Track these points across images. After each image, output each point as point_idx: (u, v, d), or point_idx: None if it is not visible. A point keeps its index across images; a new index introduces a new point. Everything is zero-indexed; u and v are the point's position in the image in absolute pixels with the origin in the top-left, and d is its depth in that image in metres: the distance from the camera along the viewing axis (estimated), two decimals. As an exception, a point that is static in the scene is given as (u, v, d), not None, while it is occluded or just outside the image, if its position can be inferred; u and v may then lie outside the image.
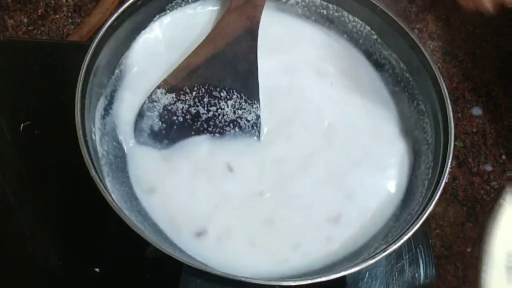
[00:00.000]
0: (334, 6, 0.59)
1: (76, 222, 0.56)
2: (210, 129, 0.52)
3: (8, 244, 0.54)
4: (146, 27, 0.56)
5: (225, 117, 0.52)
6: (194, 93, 0.52)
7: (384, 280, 0.54)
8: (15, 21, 0.68)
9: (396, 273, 0.55)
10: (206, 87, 0.52)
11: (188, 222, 0.49)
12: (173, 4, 0.57)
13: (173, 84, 0.52)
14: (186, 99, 0.52)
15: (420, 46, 0.55)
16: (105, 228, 0.54)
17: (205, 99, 0.52)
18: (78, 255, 0.55)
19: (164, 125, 0.52)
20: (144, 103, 0.52)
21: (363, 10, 0.58)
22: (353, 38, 0.60)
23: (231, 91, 0.52)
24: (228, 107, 0.52)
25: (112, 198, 0.45)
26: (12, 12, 0.68)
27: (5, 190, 0.57)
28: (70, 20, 0.69)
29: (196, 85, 0.52)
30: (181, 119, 0.52)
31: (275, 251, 0.48)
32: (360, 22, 0.59)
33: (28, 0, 0.69)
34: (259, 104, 0.53)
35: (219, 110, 0.52)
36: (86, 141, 0.47)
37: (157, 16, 0.56)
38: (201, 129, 0.52)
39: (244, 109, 0.53)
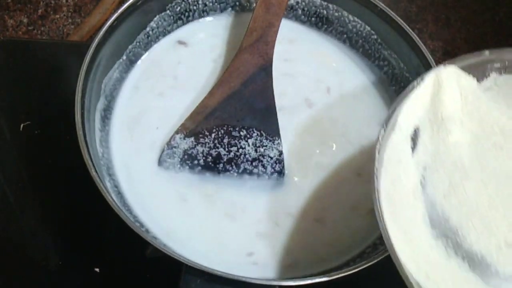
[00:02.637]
0: (334, 6, 0.60)
1: (76, 222, 0.56)
2: (232, 169, 0.52)
3: (8, 244, 0.54)
4: (146, 27, 0.56)
5: (247, 156, 0.52)
6: (213, 135, 0.52)
7: (385, 279, 0.54)
8: (15, 21, 0.68)
9: (396, 273, 0.55)
10: (225, 128, 0.52)
11: None
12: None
13: (192, 128, 0.52)
14: (206, 142, 0.52)
15: (420, 46, 0.55)
16: (105, 228, 0.54)
17: (225, 140, 0.52)
18: (78, 255, 0.55)
19: (185, 170, 0.52)
20: (163, 150, 0.52)
21: (363, 10, 0.58)
22: (353, 38, 0.60)
23: (250, 129, 0.52)
24: (249, 146, 0.52)
25: (112, 198, 0.45)
26: (12, 12, 0.68)
27: (5, 190, 0.57)
28: (70, 20, 0.69)
29: (214, 126, 0.52)
30: (202, 162, 0.51)
31: None
32: (360, 22, 0.59)
33: (28, 0, 0.69)
34: (281, 140, 0.53)
35: (240, 150, 0.52)
36: (86, 141, 0.47)
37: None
38: (223, 170, 0.52)
39: (266, 146, 0.52)
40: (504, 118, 0.44)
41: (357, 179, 0.53)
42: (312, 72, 0.59)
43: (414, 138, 0.44)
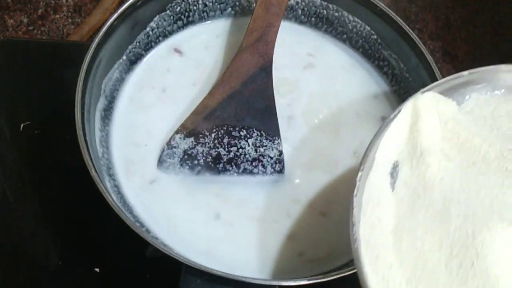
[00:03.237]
0: (334, 6, 0.60)
1: (76, 222, 0.56)
2: (232, 169, 0.52)
3: (8, 244, 0.54)
4: (146, 27, 0.56)
5: (247, 156, 0.52)
6: (213, 135, 0.52)
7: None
8: (15, 21, 0.68)
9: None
10: (225, 128, 0.52)
11: None
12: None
13: (191, 128, 0.52)
14: (206, 142, 0.52)
15: (420, 46, 0.55)
16: (105, 228, 0.54)
17: (225, 140, 0.52)
18: (78, 255, 0.55)
19: (185, 170, 0.52)
20: (163, 150, 0.52)
21: (363, 10, 0.58)
22: (353, 38, 0.60)
23: (250, 129, 0.52)
24: (249, 145, 0.52)
25: (112, 198, 0.45)
26: (12, 12, 0.68)
27: (5, 190, 0.57)
28: (70, 20, 0.69)
29: (214, 126, 0.52)
30: (202, 162, 0.51)
31: None
32: (360, 22, 0.59)
33: (28, 0, 0.69)
34: (280, 140, 0.53)
35: (240, 150, 0.52)
36: (86, 141, 0.47)
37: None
38: (223, 170, 0.52)
39: (266, 146, 0.52)
40: (485, 145, 0.42)
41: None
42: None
43: (394, 174, 0.41)
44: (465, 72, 0.43)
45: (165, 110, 0.55)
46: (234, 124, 0.52)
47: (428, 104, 0.42)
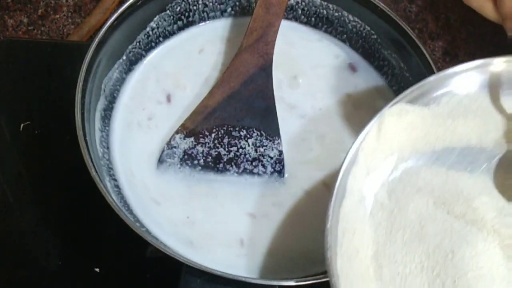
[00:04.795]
0: (334, 6, 0.60)
1: (76, 222, 0.56)
2: (232, 169, 0.52)
3: (8, 244, 0.54)
4: (146, 27, 0.56)
5: (247, 156, 0.52)
6: (213, 135, 0.52)
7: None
8: (15, 21, 0.68)
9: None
10: (225, 128, 0.52)
11: None
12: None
13: (192, 128, 0.52)
14: (206, 142, 0.52)
15: (420, 46, 0.55)
16: (105, 228, 0.54)
17: (225, 140, 0.52)
18: (78, 255, 0.55)
19: (185, 170, 0.52)
20: (163, 150, 0.52)
21: (363, 10, 0.58)
22: (353, 38, 0.60)
23: (250, 129, 0.52)
24: (249, 145, 0.52)
25: (112, 198, 0.45)
26: (12, 12, 0.68)
27: (5, 190, 0.57)
28: (70, 20, 0.69)
29: (215, 126, 0.52)
30: (202, 162, 0.51)
31: None
32: (360, 22, 0.59)
33: (28, 0, 0.69)
34: (281, 140, 0.53)
35: (240, 150, 0.52)
36: (86, 141, 0.47)
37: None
38: (223, 170, 0.52)
39: (266, 146, 0.52)
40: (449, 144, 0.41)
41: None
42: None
43: (367, 199, 0.40)
44: (431, 77, 0.42)
45: (165, 110, 0.55)
46: (234, 124, 0.52)
47: (391, 119, 0.41)
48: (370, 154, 0.40)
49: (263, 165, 0.52)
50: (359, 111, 0.57)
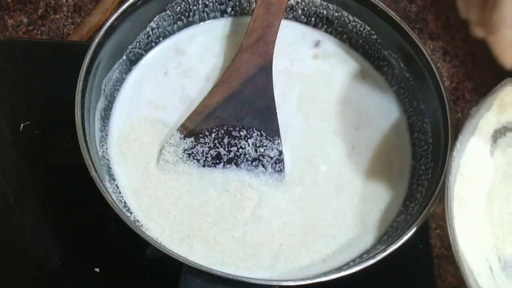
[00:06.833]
0: (334, 6, 0.60)
1: (76, 222, 0.56)
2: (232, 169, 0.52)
3: (8, 244, 0.54)
4: (146, 27, 0.56)
5: (247, 156, 0.52)
6: (213, 135, 0.52)
7: (384, 280, 0.54)
8: (15, 21, 0.68)
9: (396, 273, 0.55)
10: (225, 128, 0.52)
11: None
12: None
13: (192, 128, 0.52)
14: (206, 142, 0.52)
15: (420, 46, 0.55)
16: (105, 228, 0.54)
17: (225, 140, 0.52)
18: (78, 255, 0.55)
19: (185, 170, 0.52)
20: (163, 150, 0.52)
21: (363, 10, 0.58)
22: (353, 38, 0.60)
23: (250, 129, 0.52)
24: (249, 145, 0.52)
25: (112, 198, 0.45)
26: (12, 12, 0.68)
27: (5, 190, 0.57)
28: (70, 20, 0.69)
29: (214, 126, 0.52)
30: (202, 162, 0.51)
31: None
32: (360, 22, 0.59)
33: (28, 0, 0.69)
34: (281, 140, 0.53)
35: (240, 150, 0.52)
36: (86, 141, 0.47)
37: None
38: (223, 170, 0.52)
39: (266, 146, 0.52)
40: None
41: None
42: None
43: (493, 143, 0.44)
44: None
45: (165, 110, 0.55)
46: (234, 124, 0.52)
47: None
48: (504, 105, 0.45)
49: (263, 165, 0.52)
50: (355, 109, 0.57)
